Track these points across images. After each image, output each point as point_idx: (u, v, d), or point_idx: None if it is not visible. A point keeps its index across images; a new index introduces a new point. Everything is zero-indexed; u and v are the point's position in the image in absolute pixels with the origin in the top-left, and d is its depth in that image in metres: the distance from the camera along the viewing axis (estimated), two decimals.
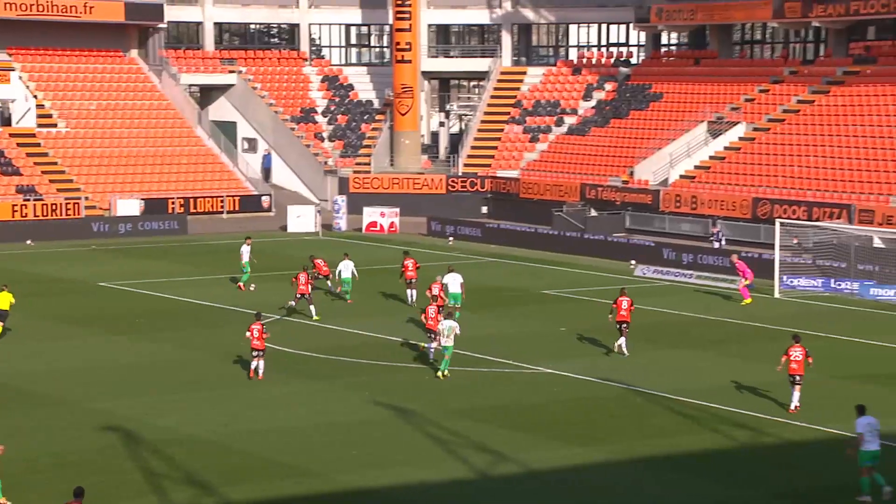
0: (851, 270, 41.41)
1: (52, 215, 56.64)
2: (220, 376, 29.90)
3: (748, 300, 38.77)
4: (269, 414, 26.55)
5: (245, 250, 41.39)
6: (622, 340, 31.65)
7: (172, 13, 68.98)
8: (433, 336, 30.75)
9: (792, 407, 26.58)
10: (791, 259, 42.34)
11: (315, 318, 36.16)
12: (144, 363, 31.26)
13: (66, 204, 57.29)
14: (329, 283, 39.89)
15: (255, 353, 29.53)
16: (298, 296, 36.45)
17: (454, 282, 35.74)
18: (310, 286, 36.52)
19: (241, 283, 41.29)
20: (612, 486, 22.12)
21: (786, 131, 56.09)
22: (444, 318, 30.04)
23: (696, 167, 56.66)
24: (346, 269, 39.54)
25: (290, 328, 34.44)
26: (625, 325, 31.59)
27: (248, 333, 29.63)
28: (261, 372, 29.66)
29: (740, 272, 39.51)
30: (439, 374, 29.41)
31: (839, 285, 41.12)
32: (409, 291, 38.90)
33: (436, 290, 34.38)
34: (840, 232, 43.18)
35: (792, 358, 26.61)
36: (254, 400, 27.66)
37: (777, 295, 40.55)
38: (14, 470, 21.69)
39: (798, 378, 26.56)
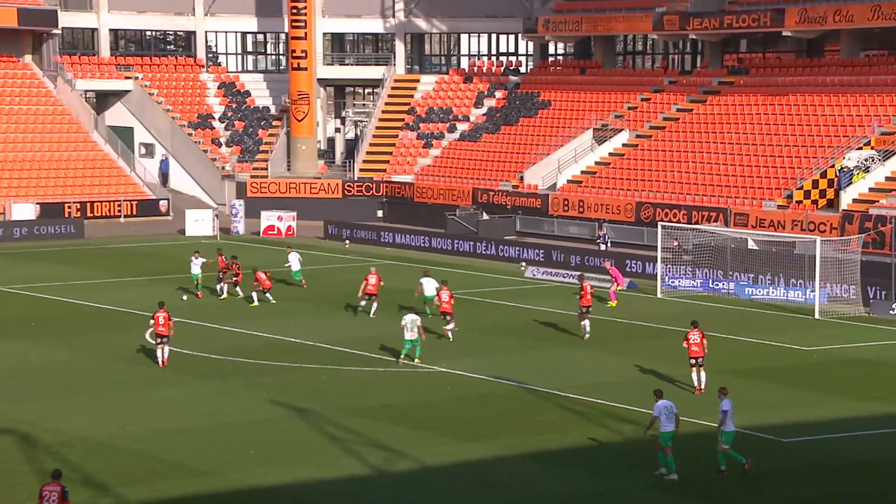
0: (728, 271, 42.29)
1: None
2: (117, 379, 29.33)
3: (614, 303, 39.09)
4: (167, 415, 26.13)
5: (196, 262, 39.88)
6: (586, 322, 33.53)
7: (67, 19, 67.48)
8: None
9: (699, 388, 27.72)
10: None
11: (254, 304, 38.52)
12: (39, 367, 30.51)
13: None
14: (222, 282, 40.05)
15: (159, 340, 29.68)
16: (263, 289, 38.47)
17: (430, 285, 35.83)
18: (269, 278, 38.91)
19: (198, 292, 39.97)
20: (503, 480, 22.23)
21: (666, 138, 57.09)
22: (408, 314, 30.98)
23: (582, 172, 57.33)
24: (295, 261, 41.38)
25: (190, 330, 33.91)
26: (590, 309, 33.71)
27: (151, 321, 29.93)
28: (165, 357, 29.87)
29: (613, 277, 40.08)
30: (416, 360, 30.40)
31: (717, 285, 41.97)
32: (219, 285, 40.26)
33: (372, 280, 36.36)
34: (717, 234, 44.06)
35: (692, 341, 27.80)
36: (151, 401, 27.19)
37: (659, 295, 41.20)
38: None
39: (700, 360, 27.75)
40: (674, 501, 21.20)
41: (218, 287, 40.06)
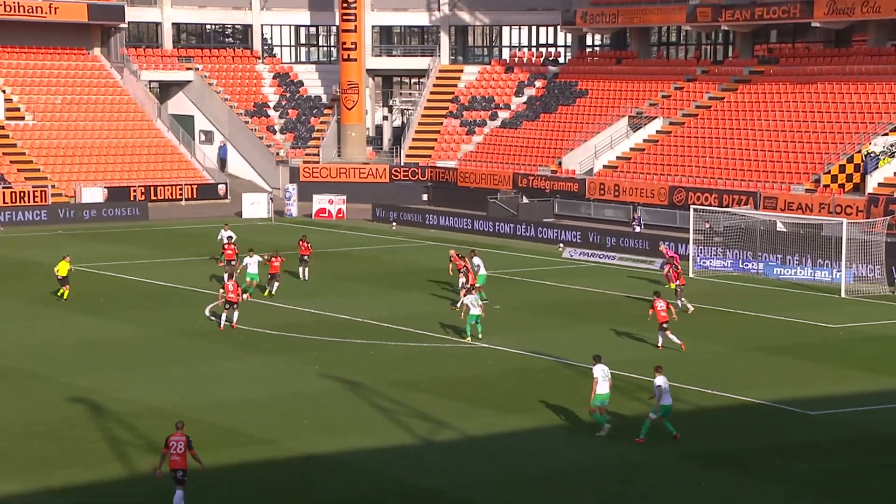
0: (757, 252, 41.96)
1: (20, 202, 55.77)
2: (180, 352, 29.64)
3: (682, 283, 36.94)
4: (226, 387, 26.38)
5: (252, 260, 35.85)
6: (684, 300, 34.02)
7: (133, 14, 68.07)
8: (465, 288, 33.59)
9: (680, 343, 29.05)
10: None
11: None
12: (109, 340, 30.89)
13: (34, 192, 56.44)
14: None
15: (227, 306, 31.09)
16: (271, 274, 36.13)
17: (482, 265, 35.84)
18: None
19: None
20: (542, 451, 22.27)
21: (699, 125, 56.64)
22: (468, 294, 31.11)
23: (618, 158, 57.04)
24: (225, 237, 40.04)
25: (247, 307, 34.16)
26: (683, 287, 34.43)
27: (221, 290, 31.36)
28: (234, 320, 31.12)
29: (669, 258, 38.16)
30: (469, 338, 30.30)
31: (747, 266, 41.66)
32: (301, 269, 38.95)
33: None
34: (747, 217, 43.69)
35: (658, 309, 29.21)
36: (212, 374, 27.47)
37: (691, 275, 40.93)
38: None
39: (666, 325, 29.33)
40: (707, 470, 21.13)
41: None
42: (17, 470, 20.86)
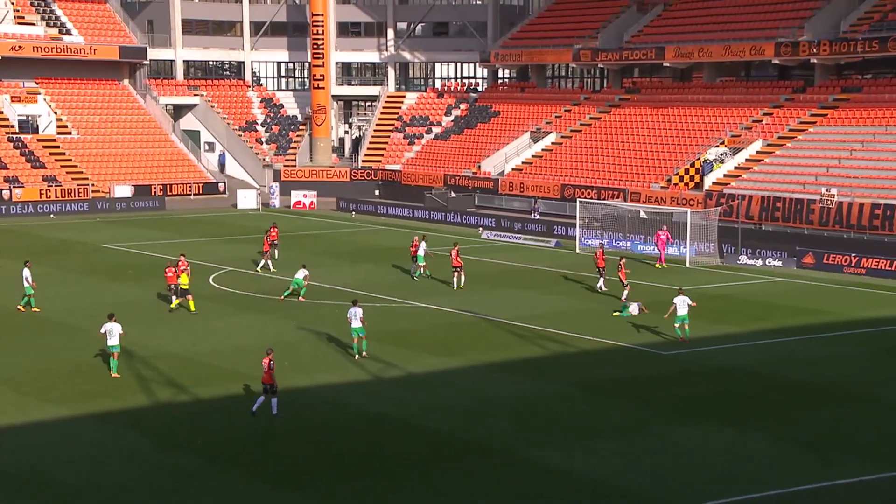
0: (626, 233, 42.33)
1: (68, 197, 54.43)
2: (190, 312, 29.06)
3: (665, 265, 36.72)
4: (226, 337, 26.01)
5: (26, 273, 27.91)
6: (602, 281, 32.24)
7: (153, 53, 66.55)
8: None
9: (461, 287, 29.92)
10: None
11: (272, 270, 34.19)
12: (135, 302, 30.25)
13: (78, 189, 55.11)
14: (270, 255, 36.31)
15: (171, 287, 28.81)
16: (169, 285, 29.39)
17: (423, 248, 34.01)
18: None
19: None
20: (464, 384, 22.28)
21: (582, 139, 56.93)
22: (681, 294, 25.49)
23: (523, 163, 57.13)
24: (28, 276, 27.43)
25: (241, 277, 33.66)
26: (602, 270, 32.29)
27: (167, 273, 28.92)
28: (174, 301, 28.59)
29: (660, 242, 37.27)
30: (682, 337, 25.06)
31: (619, 244, 42.00)
32: (267, 253, 35.69)
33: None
34: (618, 207, 44.05)
35: (452, 257, 31.28)
36: (214, 328, 27.04)
37: (578, 251, 41.23)
38: (44, 375, 20.89)
39: (460, 269, 30.99)
40: (585, 394, 21.30)
41: (262, 261, 34.87)
42: (65, 399, 20.43)
